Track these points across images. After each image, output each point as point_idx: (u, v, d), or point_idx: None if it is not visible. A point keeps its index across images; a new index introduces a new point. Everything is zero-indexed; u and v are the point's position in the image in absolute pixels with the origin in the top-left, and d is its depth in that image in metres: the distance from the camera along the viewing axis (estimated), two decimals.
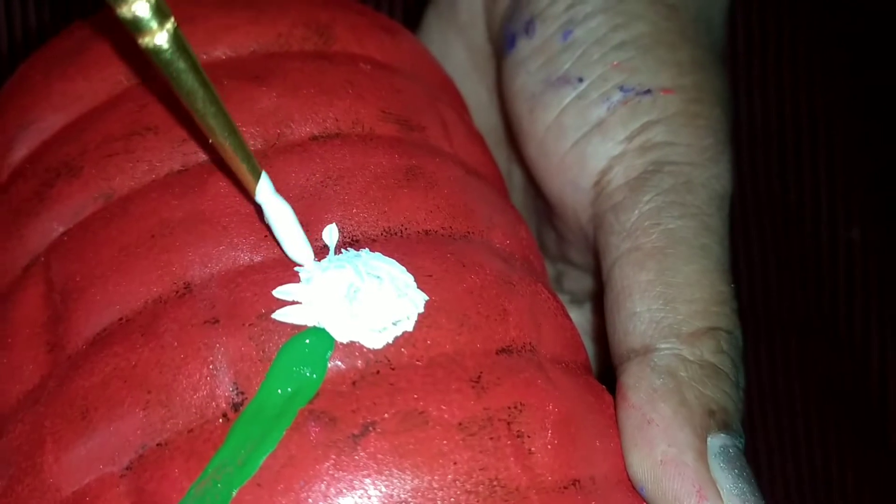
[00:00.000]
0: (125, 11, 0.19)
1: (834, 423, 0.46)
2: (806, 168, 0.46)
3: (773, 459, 0.46)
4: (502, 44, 0.32)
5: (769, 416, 0.46)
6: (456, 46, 0.35)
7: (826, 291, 0.46)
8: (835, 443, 0.46)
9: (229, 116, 0.21)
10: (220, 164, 0.24)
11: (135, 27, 0.19)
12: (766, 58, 0.46)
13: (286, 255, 0.23)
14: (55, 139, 0.26)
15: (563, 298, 0.35)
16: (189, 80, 0.20)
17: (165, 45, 0.19)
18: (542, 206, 0.33)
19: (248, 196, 0.23)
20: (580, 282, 0.34)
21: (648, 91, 0.28)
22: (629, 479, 0.23)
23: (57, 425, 0.22)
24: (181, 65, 0.20)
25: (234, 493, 0.20)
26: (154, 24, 0.19)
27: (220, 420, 0.21)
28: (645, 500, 0.23)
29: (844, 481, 0.46)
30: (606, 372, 0.27)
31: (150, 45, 0.19)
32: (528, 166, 0.31)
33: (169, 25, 0.19)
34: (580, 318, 0.34)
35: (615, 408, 0.24)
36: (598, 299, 0.28)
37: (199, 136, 0.24)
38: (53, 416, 0.22)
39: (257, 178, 0.22)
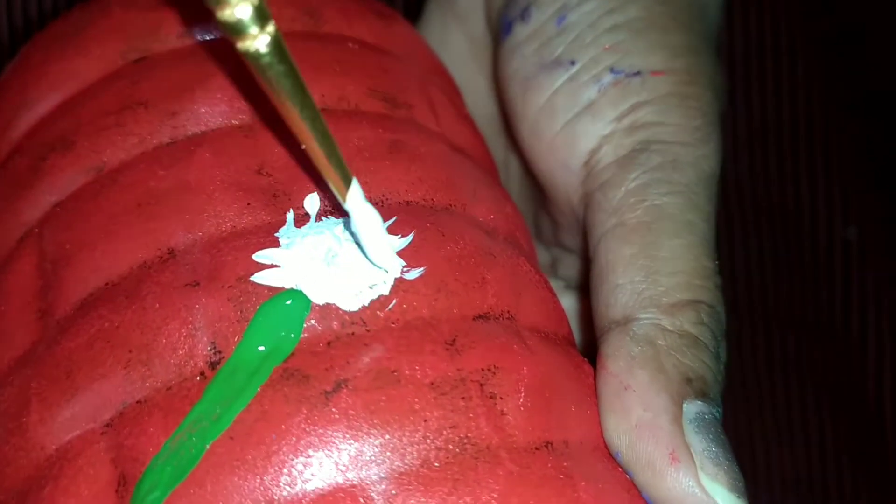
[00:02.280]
0: (226, 15, 0.19)
1: (831, 419, 0.46)
2: (803, 168, 0.46)
3: (770, 454, 0.46)
4: (499, 31, 0.32)
5: (766, 412, 0.46)
6: (455, 36, 0.36)
7: (823, 289, 0.46)
8: (832, 438, 0.46)
9: (324, 121, 0.21)
10: (208, 137, 0.25)
11: (234, 31, 0.19)
12: (764, 59, 0.46)
13: (368, 261, 0.22)
14: (51, 116, 0.27)
15: (558, 284, 0.35)
16: (287, 85, 0.20)
17: (265, 49, 0.19)
18: (538, 193, 0.33)
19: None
20: (575, 268, 0.34)
21: (639, 73, 0.29)
22: (605, 447, 0.24)
23: (42, 386, 0.23)
24: (280, 69, 0.19)
25: (207, 446, 0.21)
26: (255, 29, 0.19)
27: (198, 378, 0.22)
28: (621, 466, 0.23)
29: (841, 476, 0.45)
30: (594, 355, 0.27)
31: (251, 49, 0.19)
32: (522, 149, 0.31)
33: (270, 29, 0.19)
34: (573, 303, 0.34)
35: (595, 378, 0.25)
36: (587, 282, 0.28)
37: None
38: (39, 378, 0.23)
39: (348, 184, 0.22)
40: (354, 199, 0.22)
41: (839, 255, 0.46)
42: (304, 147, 0.21)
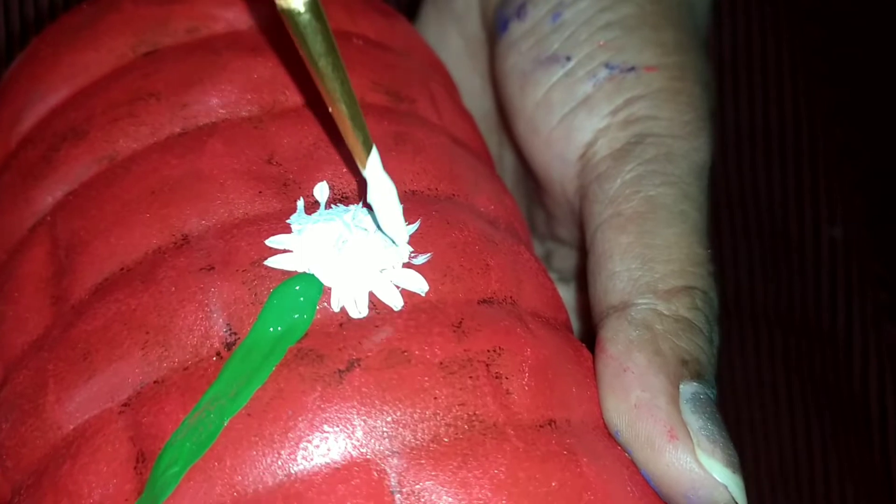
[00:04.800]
0: None
1: (817, 417, 0.47)
2: (790, 170, 0.47)
3: (758, 451, 0.47)
4: (495, 29, 0.33)
5: (754, 409, 0.47)
6: (451, 35, 0.37)
7: (810, 288, 0.47)
8: (819, 435, 0.47)
9: (350, 85, 0.21)
10: (218, 127, 0.26)
11: None
12: (752, 63, 0.48)
13: (381, 230, 0.23)
14: (62, 107, 0.27)
15: (553, 276, 0.36)
16: (319, 44, 0.21)
17: (303, 9, 0.20)
18: (532, 187, 0.34)
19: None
20: (569, 260, 0.35)
21: (633, 68, 0.30)
22: (605, 427, 0.24)
23: (59, 368, 0.23)
24: (316, 26, 0.20)
25: (225, 423, 0.21)
26: None
27: (214, 358, 0.22)
28: (620, 445, 0.24)
29: (828, 473, 0.46)
30: (590, 346, 0.28)
31: (289, 6, 0.20)
32: (518, 143, 0.32)
33: None
34: (568, 295, 0.35)
35: (594, 361, 0.26)
36: (584, 275, 0.29)
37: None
38: (56, 360, 0.24)
39: (368, 150, 0.22)
40: (374, 166, 0.23)
41: (825, 254, 0.47)
42: (330, 110, 0.22)
